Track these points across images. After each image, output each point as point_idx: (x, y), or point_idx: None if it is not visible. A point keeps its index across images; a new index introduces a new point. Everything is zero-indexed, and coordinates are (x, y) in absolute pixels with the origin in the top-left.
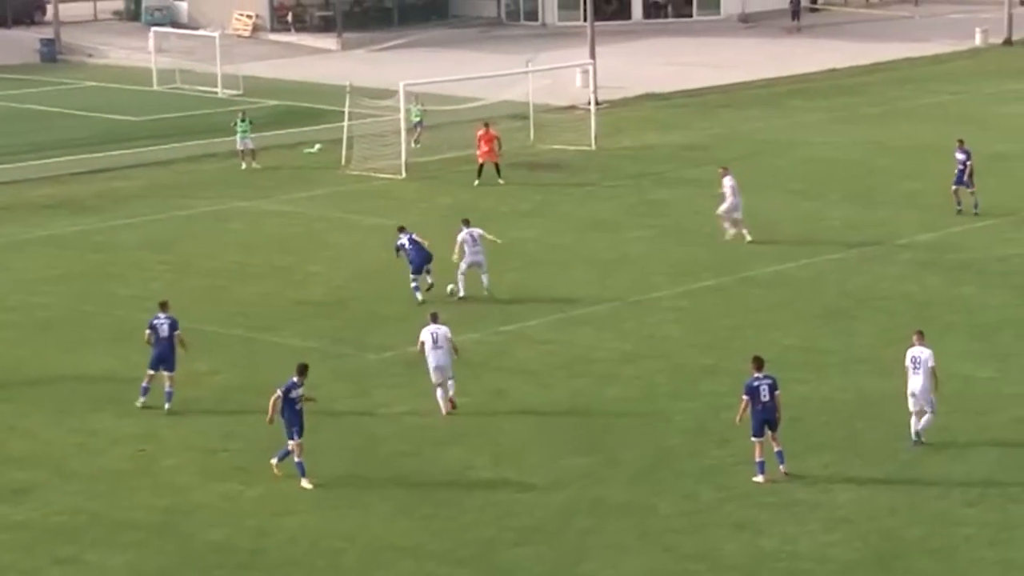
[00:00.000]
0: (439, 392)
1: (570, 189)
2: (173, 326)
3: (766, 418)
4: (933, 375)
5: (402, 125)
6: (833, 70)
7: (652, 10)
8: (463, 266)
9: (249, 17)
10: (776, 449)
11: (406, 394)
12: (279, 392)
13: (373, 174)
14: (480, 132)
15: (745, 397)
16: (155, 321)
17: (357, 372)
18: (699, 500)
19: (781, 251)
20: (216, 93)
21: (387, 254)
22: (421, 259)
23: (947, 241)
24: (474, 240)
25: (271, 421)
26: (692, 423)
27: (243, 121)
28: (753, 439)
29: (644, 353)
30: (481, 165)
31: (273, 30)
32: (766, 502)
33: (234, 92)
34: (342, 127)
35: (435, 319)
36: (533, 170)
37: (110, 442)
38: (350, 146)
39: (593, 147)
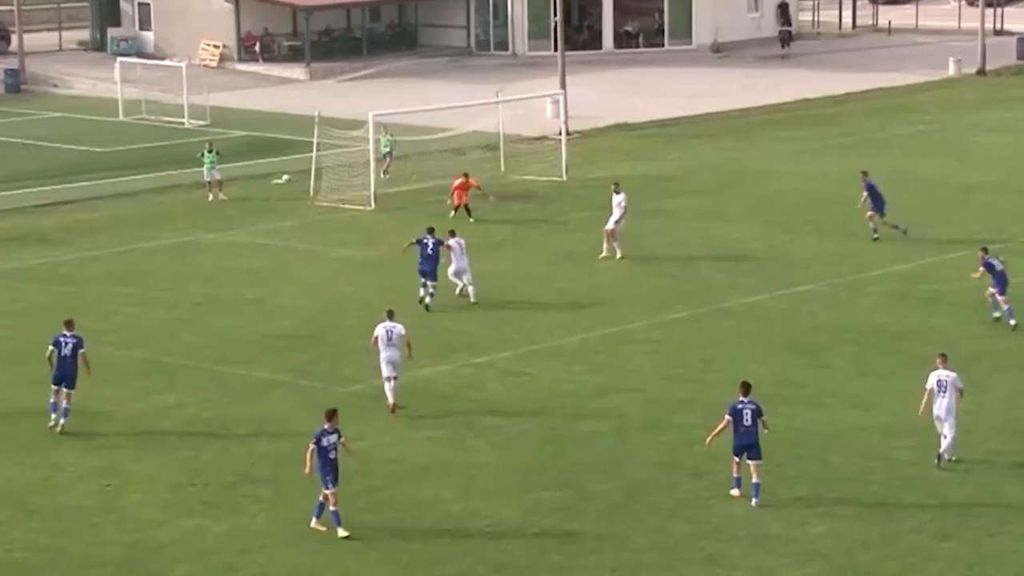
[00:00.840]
0: (388, 385)
1: (541, 220)
2: (78, 345)
3: (747, 443)
4: (960, 394)
5: (371, 156)
6: (806, 100)
7: (623, 40)
8: (450, 271)
9: (216, 47)
10: (754, 480)
11: (375, 428)
12: (312, 443)
13: (342, 205)
14: (459, 181)
15: (727, 418)
16: (59, 338)
17: (326, 405)
18: (672, 534)
19: (754, 283)
20: (183, 124)
21: (356, 287)
22: (427, 266)
23: (920, 272)
24: (461, 248)
25: (309, 474)
26: (665, 456)
27: (210, 152)
28: (734, 457)
29: (616, 386)
30: (457, 207)
31: (241, 60)
32: (739, 536)
33: (201, 122)
34: (310, 158)
35: (391, 316)
36: (503, 201)
37: (75, 477)
38: (318, 177)
39: (564, 178)
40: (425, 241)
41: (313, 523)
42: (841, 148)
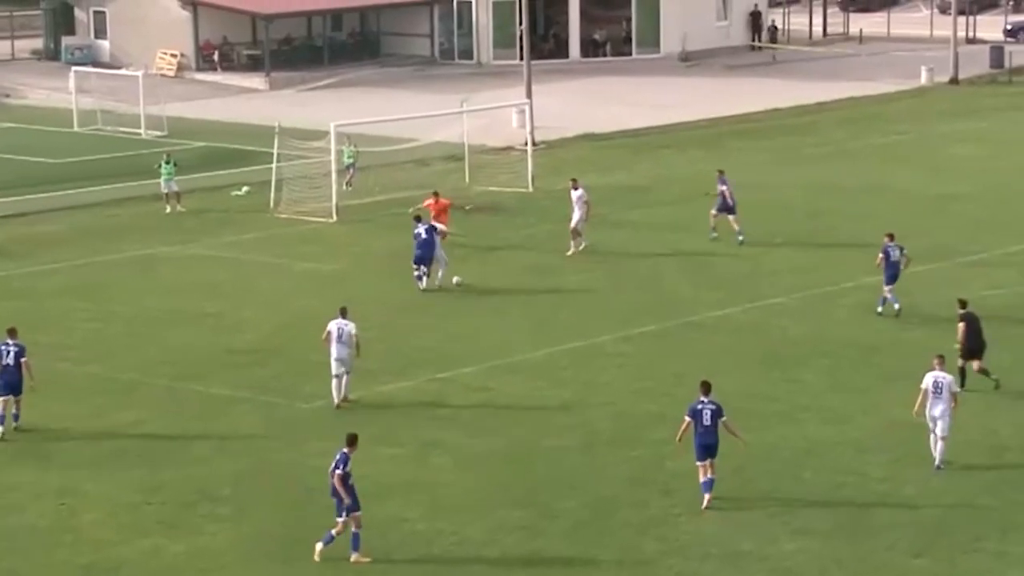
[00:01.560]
0: (335, 383)
1: (507, 232)
2: (20, 354)
3: (707, 443)
4: (955, 400)
5: (333, 167)
6: (776, 110)
7: (590, 49)
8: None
9: (174, 56)
10: (709, 476)
11: (338, 445)
12: (340, 471)
13: (303, 217)
14: (429, 202)
15: (687, 419)
16: (1, 347)
17: (288, 422)
18: (641, 552)
19: (724, 295)
20: (139, 134)
21: (318, 300)
22: (421, 252)
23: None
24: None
25: (354, 501)
26: (634, 472)
27: (167, 163)
28: (697, 463)
29: (584, 401)
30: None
31: (199, 69)
32: (710, 553)
33: (158, 133)
34: (271, 169)
35: (343, 314)
36: (469, 213)
37: (30, 497)
38: (279, 189)
39: (530, 189)
40: (417, 231)
41: (353, 557)
42: (812, 158)
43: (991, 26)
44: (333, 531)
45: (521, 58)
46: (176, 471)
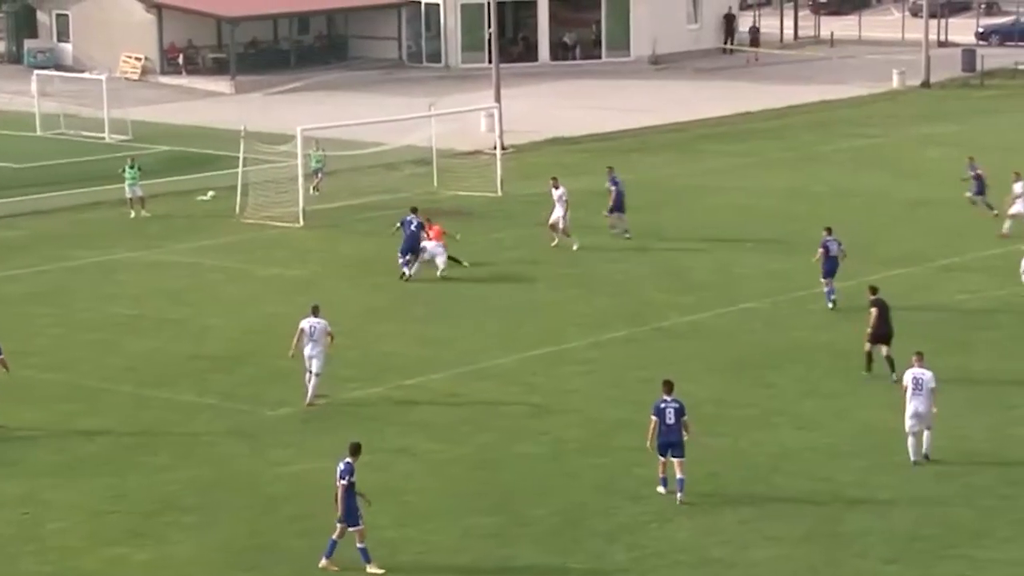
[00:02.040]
0: (307, 377)
1: (475, 236)
2: None
3: (670, 440)
4: (933, 396)
5: (299, 171)
6: (746, 113)
7: (559, 52)
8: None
9: (138, 59)
10: (678, 476)
11: (304, 452)
12: (345, 481)
13: (269, 222)
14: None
15: (653, 418)
16: None
17: (254, 429)
18: (611, 560)
19: (695, 301)
20: (103, 139)
21: (285, 306)
22: (408, 244)
23: (864, 289)
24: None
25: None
26: (604, 479)
27: (132, 168)
28: (659, 457)
29: (553, 407)
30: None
31: (163, 73)
32: (681, 560)
33: (122, 137)
34: (236, 174)
35: (315, 312)
36: (437, 217)
37: None
38: (245, 193)
39: (499, 193)
40: (408, 219)
41: (322, 563)
42: (783, 163)
43: (963, 29)
44: (358, 543)
45: (490, 61)
46: (141, 479)
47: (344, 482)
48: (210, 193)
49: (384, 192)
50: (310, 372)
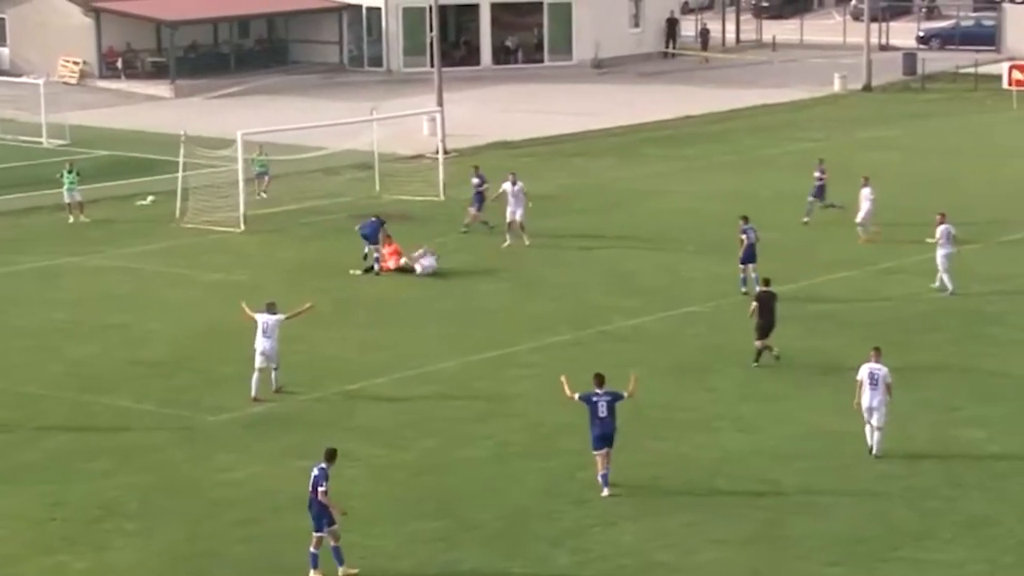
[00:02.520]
0: (256, 377)
1: (418, 240)
2: None
3: (604, 432)
4: (889, 391)
5: (240, 176)
6: (689, 117)
7: (502, 56)
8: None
9: (76, 63)
10: (604, 471)
11: (246, 458)
12: (323, 487)
13: (210, 227)
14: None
15: (578, 400)
16: None
17: (195, 435)
18: (556, 564)
19: (638, 304)
20: (41, 143)
21: (226, 311)
22: (367, 233)
23: (807, 292)
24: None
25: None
26: (547, 483)
27: (70, 173)
28: (594, 453)
29: (497, 411)
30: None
31: (102, 77)
32: (625, 565)
33: (60, 142)
34: (176, 178)
35: (270, 309)
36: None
37: None
38: (185, 198)
39: (442, 197)
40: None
41: (341, 571)
42: (726, 166)
43: (904, 33)
44: (312, 548)
45: (432, 65)
46: (81, 486)
47: (323, 488)
48: (150, 198)
49: (325, 197)
50: (259, 367)
